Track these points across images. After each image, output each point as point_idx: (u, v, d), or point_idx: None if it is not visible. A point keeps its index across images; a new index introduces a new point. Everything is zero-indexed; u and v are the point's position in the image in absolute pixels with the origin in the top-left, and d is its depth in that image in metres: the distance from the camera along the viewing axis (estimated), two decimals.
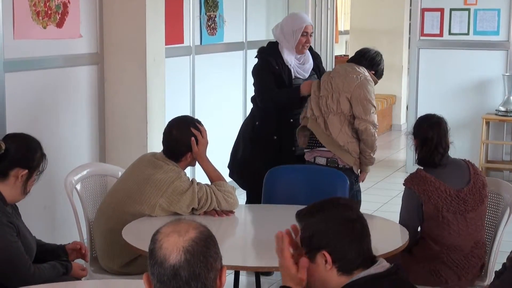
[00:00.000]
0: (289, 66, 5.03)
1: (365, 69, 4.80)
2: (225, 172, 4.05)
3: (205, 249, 1.87)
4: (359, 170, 4.80)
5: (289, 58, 5.05)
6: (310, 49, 5.20)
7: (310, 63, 5.15)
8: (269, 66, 5.00)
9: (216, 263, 1.89)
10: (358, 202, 4.87)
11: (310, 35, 5.08)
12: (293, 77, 5.06)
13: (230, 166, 5.27)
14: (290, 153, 5.02)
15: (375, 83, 4.83)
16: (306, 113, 4.82)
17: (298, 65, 5.10)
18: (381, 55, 4.95)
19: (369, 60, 4.86)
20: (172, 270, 1.84)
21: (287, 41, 5.04)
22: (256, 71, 5.11)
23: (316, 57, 5.26)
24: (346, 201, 2.37)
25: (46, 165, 3.24)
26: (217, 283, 1.90)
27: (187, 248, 1.84)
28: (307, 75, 5.10)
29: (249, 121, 5.23)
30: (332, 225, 2.25)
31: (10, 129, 4.39)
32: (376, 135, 4.70)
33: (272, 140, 5.04)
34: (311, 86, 4.82)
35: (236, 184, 5.25)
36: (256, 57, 5.15)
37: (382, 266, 2.27)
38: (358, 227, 2.28)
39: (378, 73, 4.92)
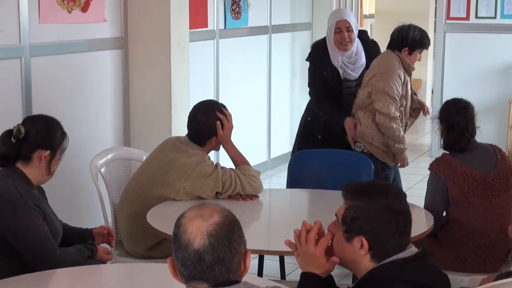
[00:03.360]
0: (337, 68, 4.84)
1: (397, 56, 4.63)
2: (249, 156, 4.04)
3: (229, 233, 1.87)
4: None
5: (336, 58, 4.84)
6: (366, 40, 4.99)
7: (362, 63, 4.91)
8: (319, 71, 4.87)
9: (240, 247, 1.89)
10: None
11: (348, 31, 4.78)
12: (342, 78, 4.87)
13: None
14: None
15: (415, 60, 4.67)
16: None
17: (348, 64, 4.88)
18: (408, 27, 4.71)
19: (401, 39, 4.69)
20: (196, 254, 1.84)
21: (329, 38, 4.89)
22: (309, 73, 4.99)
23: (371, 50, 5.00)
24: (395, 191, 2.30)
25: (68, 143, 3.25)
26: (242, 267, 1.91)
27: (211, 233, 1.85)
28: (357, 75, 4.88)
29: (304, 115, 5.14)
30: (378, 215, 2.22)
31: (36, 113, 4.40)
32: (394, 126, 4.51)
33: (316, 139, 4.92)
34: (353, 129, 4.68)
35: None
36: (309, 55, 5.02)
37: (410, 251, 2.26)
38: (403, 221, 2.25)
39: (413, 43, 4.67)
